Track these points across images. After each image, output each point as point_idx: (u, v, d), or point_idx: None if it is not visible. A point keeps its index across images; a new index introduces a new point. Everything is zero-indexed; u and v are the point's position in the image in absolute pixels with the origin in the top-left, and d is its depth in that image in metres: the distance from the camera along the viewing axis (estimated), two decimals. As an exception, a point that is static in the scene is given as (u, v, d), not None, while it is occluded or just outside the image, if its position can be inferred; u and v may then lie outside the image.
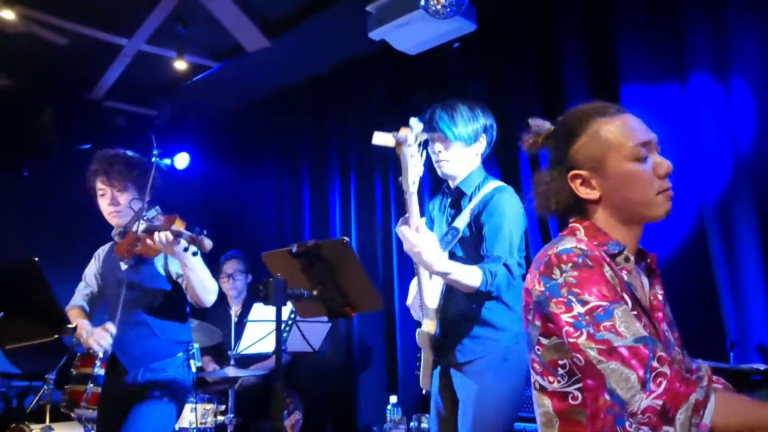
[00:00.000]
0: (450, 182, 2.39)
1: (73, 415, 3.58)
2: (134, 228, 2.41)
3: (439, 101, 2.36)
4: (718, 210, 2.80)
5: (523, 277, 1.75)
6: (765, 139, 2.70)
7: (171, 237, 2.23)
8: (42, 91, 4.81)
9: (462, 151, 2.29)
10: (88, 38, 4.24)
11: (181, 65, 4.25)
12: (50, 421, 3.66)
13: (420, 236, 2.03)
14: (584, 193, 1.38)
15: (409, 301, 2.45)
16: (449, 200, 2.39)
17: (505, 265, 2.14)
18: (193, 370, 2.58)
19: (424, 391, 2.33)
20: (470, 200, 2.30)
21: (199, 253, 2.27)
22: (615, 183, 1.35)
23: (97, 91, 4.92)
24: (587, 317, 1.25)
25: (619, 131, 1.36)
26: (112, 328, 2.41)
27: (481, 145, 2.34)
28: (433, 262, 2.04)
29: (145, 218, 2.42)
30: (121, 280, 2.51)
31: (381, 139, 2.09)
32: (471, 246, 2.24)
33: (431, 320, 2.23)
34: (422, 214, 2.12)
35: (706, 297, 2.75)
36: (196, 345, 2.64)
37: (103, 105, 5.06)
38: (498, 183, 2.33)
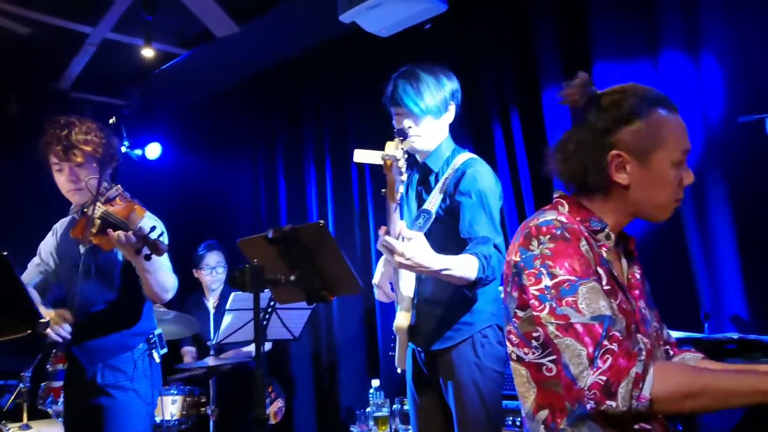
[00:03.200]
0: (417, 156, 2.25)
1: (50, 411, 3.54)
2: (90, 211, 2.20)
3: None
4: (691, 184, 2.83)
5: None
6: (734, 114, 2.73)
7: (124, 239, 2.07)
8: (6, 83, 4.68)
9: (432, 123, 2.17)
10: (51, 27, 4.13)
11: (148, 53, 4.16)
12: (28, 419, 3.61)
13: (407, 244, 1.86)
14: (617, 176, 1.36)
15: (375, 280, 2.35)
16: (417, 177, 2.27)
17: (495, 246, 2.02)
18: (157, 360, 2.42)
19: (399, 370, 2.27)
20: (439, 176, 2.17)
21: (152, 256, 2.11)
22: (651, 179, 1.35)
23: (64, 81, 4.81)
24: (553, 291, 1.27)
25: (675, 133, 1.36)
26: (68, 315, 2.24)
27: (451, 114, 2.22)
28: (429, 264, 1.88)
29: (103, 199, 2.23)
30: (78, 264, 2.33)
31: (364, 157, 1.91)
32: (445, 228, 2.13)
33: (407, 311, 2.16)
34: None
35: (680, 269, 2.79)
36: (158, 331, 2.46)
37: (70, 96, 4.95)
38: (468, 155, 2.21)
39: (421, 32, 3.79)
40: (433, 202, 2.16)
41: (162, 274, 2.27)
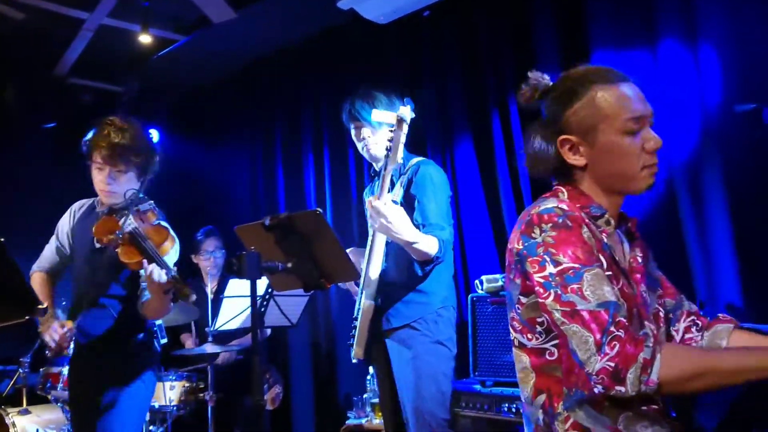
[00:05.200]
0: (375, 165, 2.58)
1: (49, 397, 3.57)
2: (121, 221, 2.28)
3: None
4: (687, 172, 2.84)
5: None
6: (732, 103, 2.73)
7: (157, 277, 2.11)
8: (3, 70, 4.66)
9: (387, 134, 2.37)
10: (46, 12, 4.10)
11: (145, 39, 4.14)
12: (27, 404, 3.63)
13: (391, 208, 2.18)
14: (571, 159, 1.40)
15: None
16: (378, 182, 2.48)
17: (447, 234, 2.35)
18: (157, 349, 2.50)
19: (355, 360, 2.52)
20: (396, 178, 2.46)
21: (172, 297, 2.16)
22: (601, 154, 1.37)
23: (61, 67, 4.78)
24: (557, 278, 1.28)
25: (615, 102, 1.36)
26: (70, 325, 2.33)
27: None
28: (403, 231, 2.19)
29: (135, 212, 2.28)
30: (89, 257, 2.42)
31: (381, 116, 2.25)
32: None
33: (374, 292, 2.40)
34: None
35: (675, 257, 2.80)
36: (158, 322, 2.55)
37: (67, 82, 4.93)
38: (418, 158, 2.52)
39: (420, 19, 3.78)
40: (397, 195, 2.44)
41: (167, 305, 2.28)
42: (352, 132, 2.59)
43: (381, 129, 2.46)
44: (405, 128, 2.18)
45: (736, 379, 1.21)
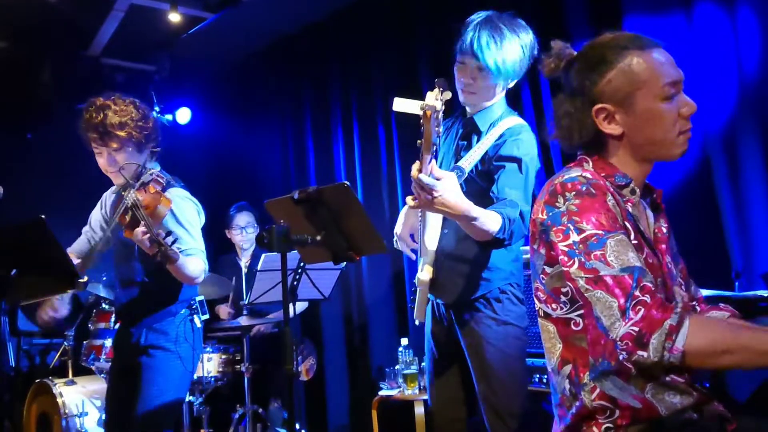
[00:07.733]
0: (468, 108, 2.20)
1: (93, 368, 3.71)
2: (125, 197, 2.24)
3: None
4: (723, 139, 2.77)
5: None
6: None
7: (140, 238, 2.11)
8: (39, 52, 4.75)
9: (494, 85, 2.10)
10: (78, -6, 4.18)
11: (175, 17, 4.19)
12: (73, 375, 3.77)
13: (438, 182, 1.76)
14: (607, 128, 1.37)
15: (397, 230, 2.33)
16: (461, 131, 2.22)
17: (521, 213, 1.96)
18: (198, 325, 2.48)
19: (417, 322, 2.29)
20: (482, 137, 2.12)
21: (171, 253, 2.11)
22: (640, 121, 1.35)
23: (94, 48, 4.87)
24: (581, 246, 1.27)
25: (651, 67, 1.34)
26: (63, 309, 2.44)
27: (515, 81, 2.17)
28: (455, 206, 1.79)
29: (137, 185, 2.26)
30: (123, 242, 2.41)
31: (404, 106, 1.80)
32: (476, 189, 2.08)
33: (430, 264, 2.15)
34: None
35: (711, 227, 2.74)
36: (200, 298, 2.52)
37: (100, 62, 5.01)
38: (516, 120, 2.14)
39: (447, -12, 3.72)
40: (470, 161, 2.11)
41: (184, 269, 2.26)
42: (456, 65, 2.15)
43: (495, 81, 2.07)
44: (436, 117, 1.66)
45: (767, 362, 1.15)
